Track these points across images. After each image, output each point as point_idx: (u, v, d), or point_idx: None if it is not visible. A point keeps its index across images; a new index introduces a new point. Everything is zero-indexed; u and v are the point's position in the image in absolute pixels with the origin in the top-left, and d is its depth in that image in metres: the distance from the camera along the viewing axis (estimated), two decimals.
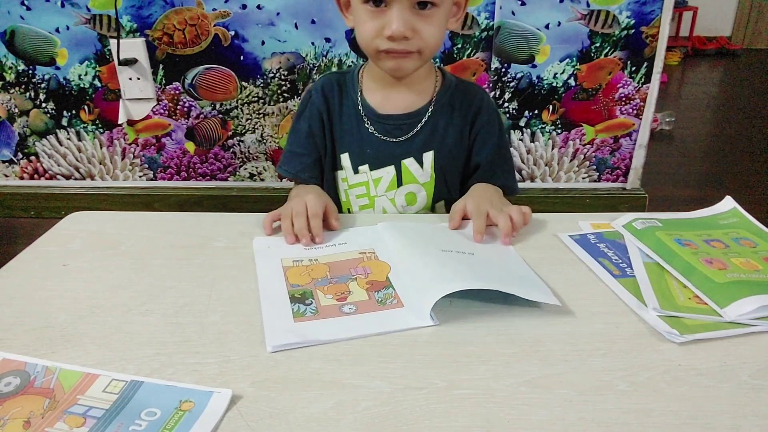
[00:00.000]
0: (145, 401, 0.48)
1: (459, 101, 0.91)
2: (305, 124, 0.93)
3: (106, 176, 1.92)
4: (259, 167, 1.88)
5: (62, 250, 0.74)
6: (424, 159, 0.90)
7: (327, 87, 0.93)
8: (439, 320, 0.58)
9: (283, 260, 0.70)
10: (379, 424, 0.46)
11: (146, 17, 1.69)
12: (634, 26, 1.66)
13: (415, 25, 0.77)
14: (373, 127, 0.89)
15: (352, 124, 0.91)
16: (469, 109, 0.91)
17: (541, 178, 1.87)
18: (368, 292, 0.63)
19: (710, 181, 2.36)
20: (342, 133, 0.92)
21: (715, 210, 0.80)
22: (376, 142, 0.89)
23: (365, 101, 0.90)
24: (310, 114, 0.93)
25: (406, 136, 0.89)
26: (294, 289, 0.64)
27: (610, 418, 0.46)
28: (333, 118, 0.92)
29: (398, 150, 0.89)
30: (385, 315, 0.59)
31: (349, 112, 0.91)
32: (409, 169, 0.90)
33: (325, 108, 0.92)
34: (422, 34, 0.78)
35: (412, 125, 0.89)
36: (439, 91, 0.90)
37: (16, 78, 1.79)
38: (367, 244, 0.73)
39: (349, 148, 0.91)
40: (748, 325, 0.57)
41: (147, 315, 0.60)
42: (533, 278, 0.65)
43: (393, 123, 0.89)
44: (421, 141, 0.89)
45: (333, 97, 0.92)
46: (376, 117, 0.89)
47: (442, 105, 0.90)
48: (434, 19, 0.78)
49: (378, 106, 0.90)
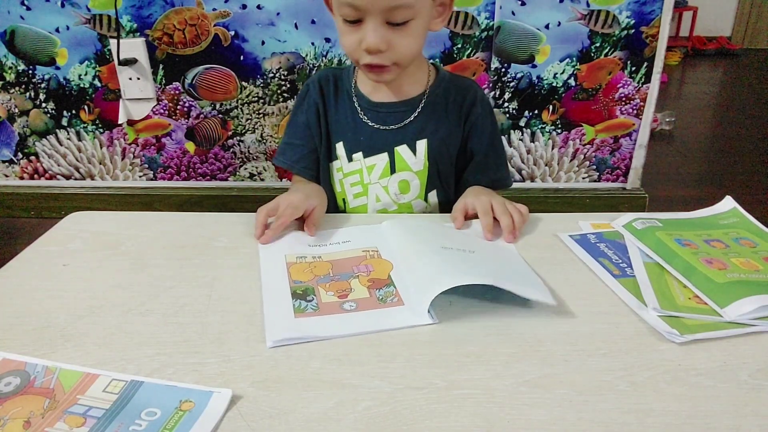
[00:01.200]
0: (145, 401, 0.48)
1: (453, 94, 0.92)
2: (302, 117, 0.95)
3: (106, 176, 1.92)
4: (259, 167, 1.88)
5: (62, 250, 0.74)
6: (418, 147, 0.90)
7: (323, 80, 0.95)
8: (439, 319, 0.58)
9: (287, 256, 0.70)
10: (379, 424, 0.46)
11: (146, 17, 1.69)
12: (634, 26, 1.66)
13: (390, 38, 0.77)
14: (366, 116, 0.91)
15: (346, 114, 0.92)
16: (463, 102, 0.92)
17: (541, 178, 1.87)
18: (369, 290, 0.63)
19: (710, 181, 2.36)
20: (337, 123, 0.93)
21: (715, 210, 0.80)
22: (369, 130, 0.91)
23: (359, 90, 0.92)
24: (307, 107, 0.95)
25: (399, 125, 0.90)
26: (296, 285, 0.64)
27: (610, 418, 0.46)
28: (329, 109, 0.94)
29: (391, 137, 0.91)
30: (385, 313, 0.60)
31: (344, 102, 0.93)
32: (402, 156, 0.91)
33: (321, 100, 0.94)
34: (397, 47, 0.78)
35: (406, 114, 0.90)
36: (433, 83, 0.91)
37: (16, 78, 1.79)
38: (370, 243, 0.73)
39: (343, 137, 0.93)
40: (748, 325, 0.57)
41: (147, 315, 0.60)
42: (532, 277, 0.65)
43: (386, 111, 0.90)
44: (415, 130, 0.90)
45: (329, 90, 0.94)
46: (369, 105, 0.91)
47: (437, 96, 0.91)
48: (409, 30, 0.78)
49: (370, 94, 0.91)
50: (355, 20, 0.77)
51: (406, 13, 0.76)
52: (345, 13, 0.77)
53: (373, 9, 0.75)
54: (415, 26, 0.78)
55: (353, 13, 0.76)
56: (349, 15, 0.77)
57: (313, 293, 0.62)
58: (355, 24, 0.77)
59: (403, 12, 0.75)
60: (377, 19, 0.76)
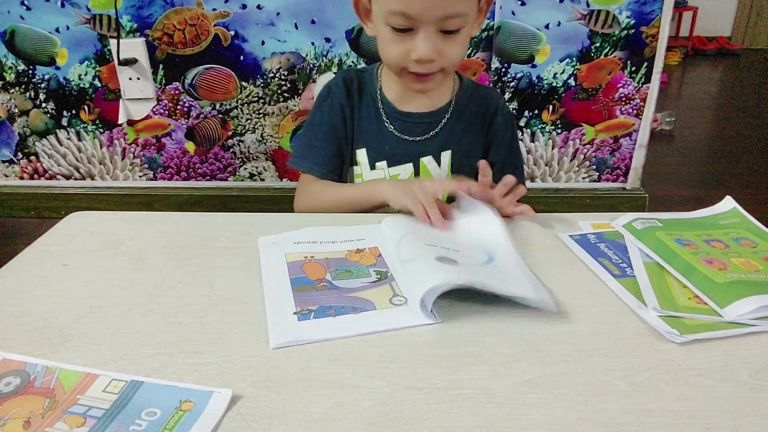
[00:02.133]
0: (145, 401, 0.48)
1: (477, 104, 0.92)
2: (326, 118, 0.92)
3: (106, 176, 1.92)
4: (259, 167, 1.88)
5: (62, 250, 0.74)
6: (442, 158, 0.90)
7: (348, 81, 0.92)
8: (440, 318, 0.58)
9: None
10: (379, 424, 0.46)
11: (146, 17, 1.69)
12: (634, 26, 1.66)
13: (440, 47, 0.77)
14: (392, 125, 0.90)
15: (370, 120, 0.91)
16: (486, 112, 0.92)
17: (541, 178, 1.87)
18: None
19: (710, 181, 2.36)
20: (360, 128, 0.91)
21: (715, 210, 0.80)
22: (395, 139, 0.90)
23: (384, 97, 0.90)
24: (330, 108, 0.92)
25: (426, 136, 0.90)
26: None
27: (610, 418, 0.46)
28: (354, 112, 0.91)
29: (417, 148, 0.90)
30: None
31: (368, 108, 0.91)
32: (427, 168, 0.90)
33: (347, 102, 0.91)
34: (447, 55, 0.78)
35: (432, 125, 0.90)
36: (458, 93, 0.91)
37: (16, 78, 1.79)
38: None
39: (366, 143, 0.91)
40: (748, 325, 0.57)
41: (147, 315, 0.60)
42: (533, 281, 0.65)
43: (413, 121, 0.90)
44: (440, 140, 0.90)
45: (353, 92, 0.92)
46: (396, 114, 0.90)
47: (461, 106, 0.91)
48: (459, 38, 0.77)
49: (397, 102, 0.90)
50: (405, 29, 0.75)
51: (458, 22, 0.75)
52: (395, 22, 0.75)
53: (428, 18, 0.73)
54: (464, 34, 0.78)
55: (405, 22, 0.74)
56: (400, 24, 0.75)
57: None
58: (404, 32, 0.76)
59: (456, 21, 0.75)
60: (430, 29, 0.75)
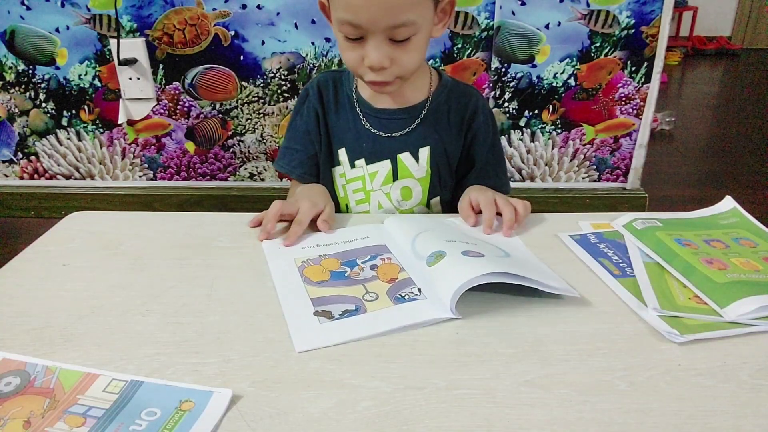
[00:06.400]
0: (145, 401, 0.48)
1: (456, 101, 0.91)
2: (301, 122, 0.95)
3: (106, 176, 1.92)
4: (259, 167, 1.88)
5: (62, 250, 0.74)
6: (420, 154, 0.90)
7: (322, 84, 0.94)
8: (460, 314, 0.58)
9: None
10: (379, 424, 0.46)
11: (146, 17, 1.69)
12: (634, 26, 1.66)
13: (392, 54, 0.76)
14: (369, 123, 0.90)
15: (347, 120, 0.92)
16: (465, 110, 0.92)
17: (541, 178, 1.87)
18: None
19: (710, 181, 2.36)
20: (338, 128, 0.93)
21: (715, 210, 0.80)
22: (372, 136, 0.90)
23: (360, 96, 0.91)
24: (307, 112, 0.94)
25: (402, 132, 0.90)
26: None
27: (610, 418, 0.46)
28: (329, 114, 0.93)
29: (394, 145, 0.90)
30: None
31: (345, 107, 0.92)
32: (404, 164, 0.90)
33: (320, 105, 0.93)
34: (400, 62, 0.77)
35: (408, 121, 0.90)
36: (436, 89, 0.91)
37: (16, 78, 1.79)
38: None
39: (345, 143, 0.92)
40: (748, 325, 0.57)
41: (147, 315, 0.60)
42: (547, 270, 0.66)
43: (388, 117, 0.90)
44: (417, 137, 0.90)
45: (328, 94, 0.93)
46: (372, 111, 0.90)
47: (439, 103, 0.90)
48: (412, 45, 0.76)
49: (372, 100, 0.90)
50: (356, 37, 0.75)
51: (407, 31, 0.74)
52: (346, 31, 0.75)
53: (374, 28, 0.73)
54: (417, 40, 0.77)
55: (354, 31, 0.74)
56: (350, 33, 0.75)
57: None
58: (356, 41, 0.76)
59: (404, 30, 0.74)
60: (379, 37, 0.74)
